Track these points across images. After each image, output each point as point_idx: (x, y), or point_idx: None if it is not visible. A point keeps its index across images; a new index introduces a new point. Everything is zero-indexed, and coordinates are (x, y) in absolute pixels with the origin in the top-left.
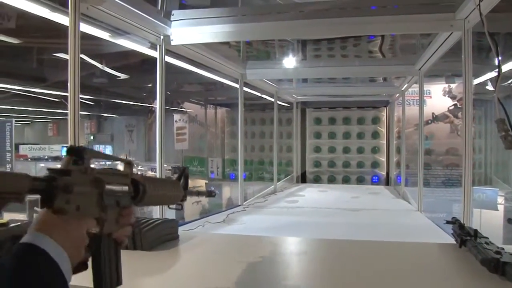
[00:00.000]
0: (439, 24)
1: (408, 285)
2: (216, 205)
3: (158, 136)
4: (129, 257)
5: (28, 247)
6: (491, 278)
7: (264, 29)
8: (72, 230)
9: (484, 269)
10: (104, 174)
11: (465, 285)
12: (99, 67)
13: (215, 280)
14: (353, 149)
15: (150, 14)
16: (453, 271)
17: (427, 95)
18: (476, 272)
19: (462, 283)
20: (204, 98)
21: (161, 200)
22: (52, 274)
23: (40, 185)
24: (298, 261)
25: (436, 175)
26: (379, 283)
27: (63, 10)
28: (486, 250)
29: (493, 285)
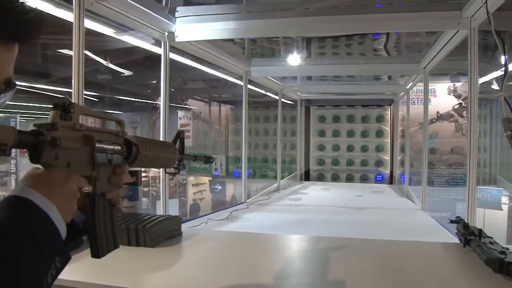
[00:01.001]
0: (445, 22)
1: (412, 283)
2: (220, 202)
3: (162, 133)
4: (133, 254)
5: (14, 198)
6: (495, 278)
7: (269, 26)
8: (60, 184)
9: (488, 269)
10: (95, 131)
11: (469, 285)
12: (103, 63)
13: (218, 277)
14: (357, 147)
15: (154, 10)
16: (457, 270)
17: (432, 93)
18: (481, 272)
19: (466, 282)
20: (208, 95)
21: (156, 162)
22: (39, 220)
23: (27, 139)
24: (302, 258)
25: (440, 174)
26: (382, 281)
27: (67, 6)
28: (491, 250)
29: (497, 285)
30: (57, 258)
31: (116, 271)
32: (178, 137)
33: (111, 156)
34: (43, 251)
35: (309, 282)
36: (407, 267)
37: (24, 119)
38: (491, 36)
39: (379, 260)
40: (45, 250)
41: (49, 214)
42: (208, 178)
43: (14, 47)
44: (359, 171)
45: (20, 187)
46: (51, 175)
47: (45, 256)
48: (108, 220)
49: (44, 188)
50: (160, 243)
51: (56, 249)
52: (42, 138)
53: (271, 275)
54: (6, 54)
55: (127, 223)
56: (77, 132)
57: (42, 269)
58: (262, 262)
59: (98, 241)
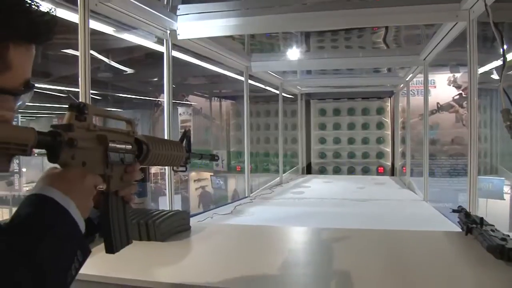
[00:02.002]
0: (444, 14)
1: (416, 272)
2: (222, 197)
3: (166, 129)
4: (143, 248)
5: (35, 196)
6: (497, 264)
7: (268, 22)
8: (77, 182)
9: (490, 255)
10: (108, 131)
11: (471, 271)
12: (104, 61)
13: (227, 268)
14: (358, 139)
15: (156, 9)
16: (459, 258)
17: (432, 84)
18: (482, 258)
19: (468, 269)
20: (209, 91)
21: (165, 160)
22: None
23: (46, 140)
24: (306, 249)
25: (441, 165)
26: (385, 269)
27: (70, 7)
28: (492, 237)
29: (499, 271)
30: (79, 252)
31: (128, 264)
32: (185, 136)
33: (123, 155)
34: (65, 245)
35: (314, 272)
36: (410, 256)
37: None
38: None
39: (382, 249)
40: (67, 244)
41: (69, 210)
42: (209, 173)
43: (32, 48)
44: (360, 163)
45: (40, 186)
46: (68, 174)
47: (67, 250)
48: (121, 216)
49: (62, 186)
50: (170, 238)
51: (77, 243)
52: (59, 139)
53: (277, 266)
54: (25, 55)
55: (138, 218)
56: (91, 133)
57: (66, 262)
58: (268, 253)
59: (112, 237)
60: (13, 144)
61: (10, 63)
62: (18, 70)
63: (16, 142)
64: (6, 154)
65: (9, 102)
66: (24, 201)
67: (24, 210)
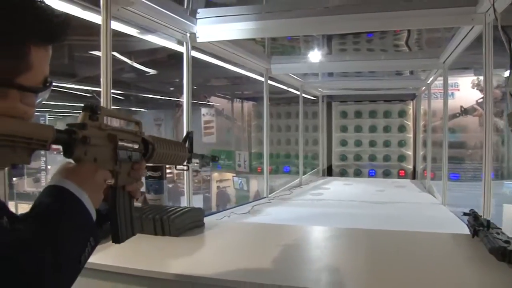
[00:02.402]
0: (459, 18)
1: (419, 271)
2: (244, 197)
3: (185, 129)
4: (158, 242)
5: (52, 187)
6: (499, 266)
7: (289, 25)
8: (89, 176)
9: (492, 257)
10: (118, 131)
11: (473, 272)
12: (127, 62)
13: (238, 261)
14: (379, 142)
15: (176, 13)
16: (463, 259)
17: (455, 87)
18: (485, 260)
19: (470, 270)
20: (230, 92)
21: (169, 159)
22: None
23: (62, 137)
24: (319, 246)
25: (464, 169)
26: (390, 268)
27: (94, 9)
28: (496, 239)
29: (500, 272)
30: (91, 238)
31: (144, 257)
32: (188, 137)
33: (131, 153)
34: (79, 231)
35: (324, 267)
36: (414, 256)
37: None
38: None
39: (390, 248)
40: (81, 230)
41: (82, 200)
42: (232, 174)
43: (49, 49)
44: (382, 166)
45: (56, 178)
46: (81, 168)
47: (81, 236)
48: (127, 210)
49: (76, 179)
50: (184, 233)
51: (90, 230)
52: (74, 136)
53: (288, 261)
54: (44, 54)
55: (154, 214)
56: (103, 131)
57: (80, 247)
58: (280, 249)
59: (118, 228)
60: (35, 139)
61: (31, 63)
62: (38, 70)
63: (37, 138)
64: (28, 148)
65: (31, 98)
66: (43, 192)
67: (43, 199)
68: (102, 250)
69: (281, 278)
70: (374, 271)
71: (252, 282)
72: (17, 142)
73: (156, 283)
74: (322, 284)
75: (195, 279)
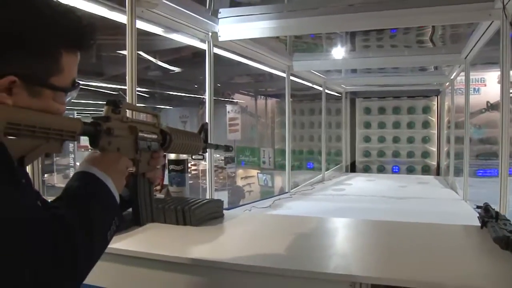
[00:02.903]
0: (477, 14)
1: (428, 259)
2: (268, 193)
3: (209, 126)
4: (179, 231)
5: (81, 172)
6: (502, 254)
7: (311, 23)
8: (113, 163)
9: (497, 246)
10: (138, 123)
11: (478, 260)
12: (152, 61)
13: (256, 248)
14: (403, 138)
15: (199, 13)
16: (469, 248)
17: (481, 83)
18: (490, 249)
19: (475, 258)
20: (254, 89)
21: (185, 149)
22: (100, 187)
23: (89, 129)
24: (335, 235)
25: (490, 165)
26: (402, 255)
27: (120, 9)
28: (502, 229)
29: (504, 260)
30: (116, 218)
31: (166, 244)
32: (203, 128)
33: (150, 143)
34: (105, 211)
35: (339, 254)
36: (426, 245)
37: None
38: None
39: (402, 237)
40: (107, 211)
41: (107, 184)
42: (256, 170)
43: (78, 54)
44: (405, 162)
45: (84, 165)
46: (106, 157)
47: (108, 216)
48: (147, 195)
49: (101, 166)
50: (204, 223)
51: (114, 211)
52: (99, 128)
53: (305, 248)
54: (73, 59)
55: (175, 205)
56: (124, 123)
57: (107, 226)
58: (297, 237)
59: (140, 212)
60: (65, 131)
61: (63, 67)
62: (68, 72)
63: (67, 130)
64: (60, 139)
65: (61, 97)
66: (72, 177)
67: (73, 183)
68: (128, 237)
69: (293, 263)
70: (383, 258)
71: (263, 266)
72: (51, 134)
73: (177, 267)
74: (337, 269)
75: (213, 264)
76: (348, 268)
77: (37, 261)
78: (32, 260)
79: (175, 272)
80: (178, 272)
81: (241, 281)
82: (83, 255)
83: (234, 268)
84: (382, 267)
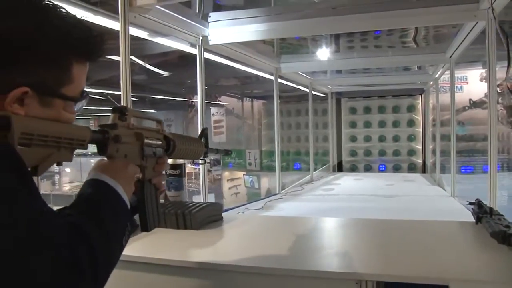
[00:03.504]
0: (462, 15)
1: (426, 255)
2: (255, 195)
3: (200, 129)
4: (181, 235)
5: (92, 180)
6: (499, 249)
7: (297, 26)
8: (122, 170)
9: (494, 241)
10: (143, 130)
11: (476, 254)
12: (141, 65)
13: (256, 250)
14: (388, 137)
15: (189, 17)
16: (467, 243)
17: (464, 81)
18: (487, 244)
19: (473, 252)
20: (240, 91)
21: (188, 154)
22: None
23: (98, 137)
24: (333, 235)
25: (474, 161)
26: (399, 252)
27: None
28: (497, 224)
29: (502, 254)
30: (129, 224)
31: (168, 248)
32: (203, 133)
33: (155, 149)
34: (119, 216)
35: (336, 253)
36: (423, 242)
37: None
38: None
39: (398, 235)
40: (120, 216)
41: (118, 190)
42: (242, 172)
43: (87, 64)
44: (392, 161)
45: (93, 173)
46: (114, 164)
47: (121, 221)
48: (154, 201)
49: (111, 173)
50: (204, 226)
51: (126, 215)
52: (107, 135)
53: (303, 248)
54: (83, 70)
55: (175, 209)
56: (130, 130)
57: (121, 230)
58: (295, 238)
59: (147, 218)
60: (75, 140)
61: (73, 77)
62: (78, 82)
63: (77, 138)
64: (70, 148)
65: (72, 107)
66: (83, 186)
67: (85, 191)
68: (131, 242)
69: (297, 263)
70: (384, 256)
71: (269, 268)
72: (62, 143)
73: (183, 271)
74: (342, 267)
75: (218, 266)
76: (352, 266)
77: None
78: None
79: (181, 276)
80: (184, 276)
81: (248, 283)
82: (102, 262)
83: (240, 270)
84: (385, 264)
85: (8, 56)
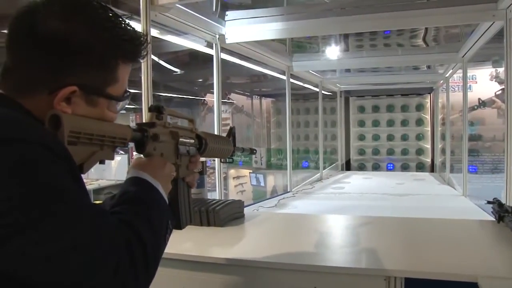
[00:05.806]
0: (481, 14)
1: (451, 252)
2: (261, 193)
3: (216, 126)
4: (205, 232)
5: (134, 178)
6: None
7: (311, 26)
8: (160, 168)
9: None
10: (178, 128)
11: (500, 252)
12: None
13: (277, 247)
14: (397, 136)
15: (207, 16)
16: (490, 241)
17: (473, 80)
18: (511, 242)
19: (498, 250)
20: (250, 89)
21: (218, 153)
22: (154, 192)
23: (137, 135)
24: (355, 233)
25: (483, 161)
26: (424, 249)
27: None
28: None
29: None
30: (169, 221)
31: (193, 244)
32: (231, 132)
33: (189, 148)
34: (161, 213)
35: (360, 250)
36: (446, 239)
37: None
38: None
39: (420, 234)
40: (162, 213)
41: (158, 188)
42: (248, 170)
43: (130, 65)
44: (400, 160)
45: (133, 171)
46: (153, 162)
47: (163, 218)
48: (186, 199)
49: (150, 171)
50: (227, 223)
51: (167, 213)
52: (146, 134)
53: (329, 246)
54: (126, 70)
55: (199, 206)
56: (166, 129)
57: (164, 226)
58: (321, 235)
59: (180, 216)
60: (117, 138)
61: (118, 77)
62: (122, 82)
63: (119, 137)
64: (112, 146)
65: (115, 106)
66: (126, 182)
67: (129, 188)
68: None
69: (326, 259)
70: (410, 253)
71: (300, 264)
72: (105, 141)
73: (212, 267)
74: (370, 264)
75: (248, 263)
76: (380, 263)
77: (117, 266)
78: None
79: (211, 272)
80: (213, 272)
81: (277, 279)
82: (152, 256)
83: (269, 266)
84: (413, 261)
85: (63, 57)
